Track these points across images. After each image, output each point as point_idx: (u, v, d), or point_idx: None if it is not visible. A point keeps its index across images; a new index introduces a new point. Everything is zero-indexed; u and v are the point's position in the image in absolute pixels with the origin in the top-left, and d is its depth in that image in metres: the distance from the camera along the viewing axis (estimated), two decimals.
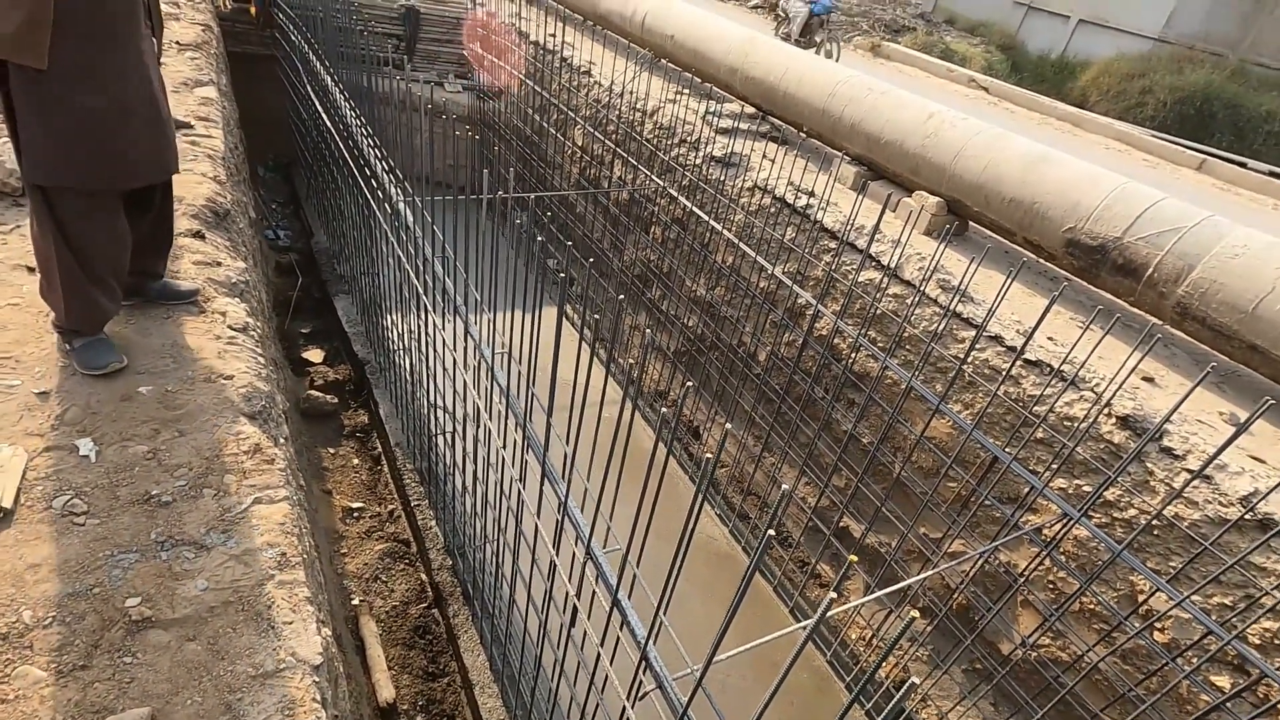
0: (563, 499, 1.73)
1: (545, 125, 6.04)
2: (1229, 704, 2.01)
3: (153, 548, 1.59)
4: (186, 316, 2.35)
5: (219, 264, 2.66)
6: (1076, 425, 2.68)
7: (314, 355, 5.02)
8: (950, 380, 2.79)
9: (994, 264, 3.65)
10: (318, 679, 1.42)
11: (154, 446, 1.84)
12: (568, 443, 1.69)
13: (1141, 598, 2.48)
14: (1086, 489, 2.75)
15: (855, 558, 0.93)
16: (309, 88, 4.54)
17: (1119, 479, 2.63)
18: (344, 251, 5.10)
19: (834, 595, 0.79)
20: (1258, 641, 2.26)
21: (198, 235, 2.75)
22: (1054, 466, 2.69)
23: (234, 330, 2.35)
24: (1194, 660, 2.29)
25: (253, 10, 6.28)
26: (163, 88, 2.07)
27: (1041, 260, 3.72)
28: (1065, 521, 2.32)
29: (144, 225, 2.23)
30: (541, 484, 1.86)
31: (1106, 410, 2.67)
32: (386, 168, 3.08)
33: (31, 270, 2.29)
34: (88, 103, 1.83)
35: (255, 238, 4.18)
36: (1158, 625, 2.49)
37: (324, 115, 4.15)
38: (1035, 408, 2.77)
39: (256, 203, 5.49)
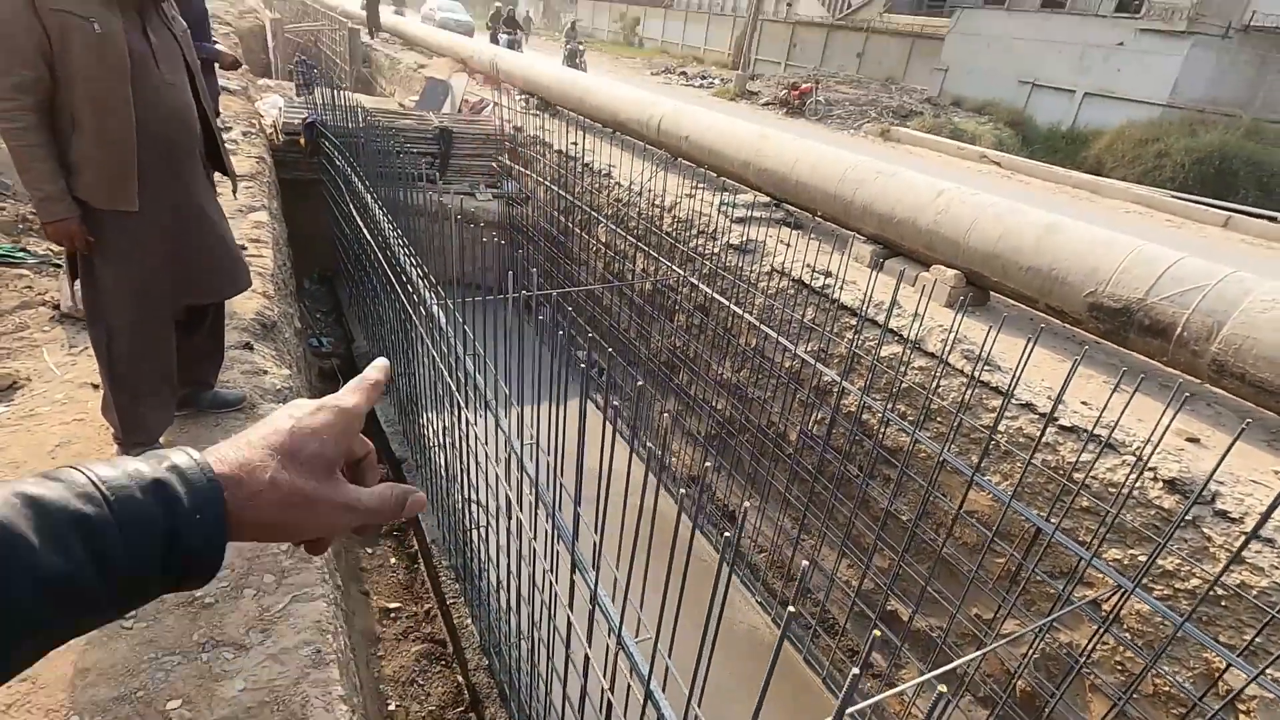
0: (593, 588, 1.72)
1: (570, 225, 6.35)
2: None
3: (194, 649, 1.63)
4: (234, 423, 2.48)
5: (265, 373, 2.82)
6: (1119, 490, 2.59)
7: None
8: (983, 450, 2.74)
9: (1019, 330, 3.64)
10: None
11: None
12: (596, 532, 1.71)
13: (1216, 675, 2.30)
14: (1142, 559, 2.62)
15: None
16: (351, 205, 4.90)
17: (1175, 547, 2.51)
18: (383, 354, 5.32)
19: (888, 687, 0.79)
20: None
21: (246, 346, 2.93)
22: (1104, 535, 2.58)
23: None
24: None
25: (302, 141, 6.88)
26: (221, 215, 2.29)
27: (1068, 325, 3.71)
28: (1120, 593, 2.21)
29: (197, 340, 2.40)
30: (572, 575, 1.86)
31: (1152, 474, 2.58)
32: (421, 273, 3.27)
33: (96, 387, 2.46)
34: (153, 239, 2.03)
35: (299, 346, 4.40)
36: (1240, 706, 2.30)
37: (364, 229, 4.45)
38: (1075, 474, 2.69)
39: (301, 313, 5.81)
